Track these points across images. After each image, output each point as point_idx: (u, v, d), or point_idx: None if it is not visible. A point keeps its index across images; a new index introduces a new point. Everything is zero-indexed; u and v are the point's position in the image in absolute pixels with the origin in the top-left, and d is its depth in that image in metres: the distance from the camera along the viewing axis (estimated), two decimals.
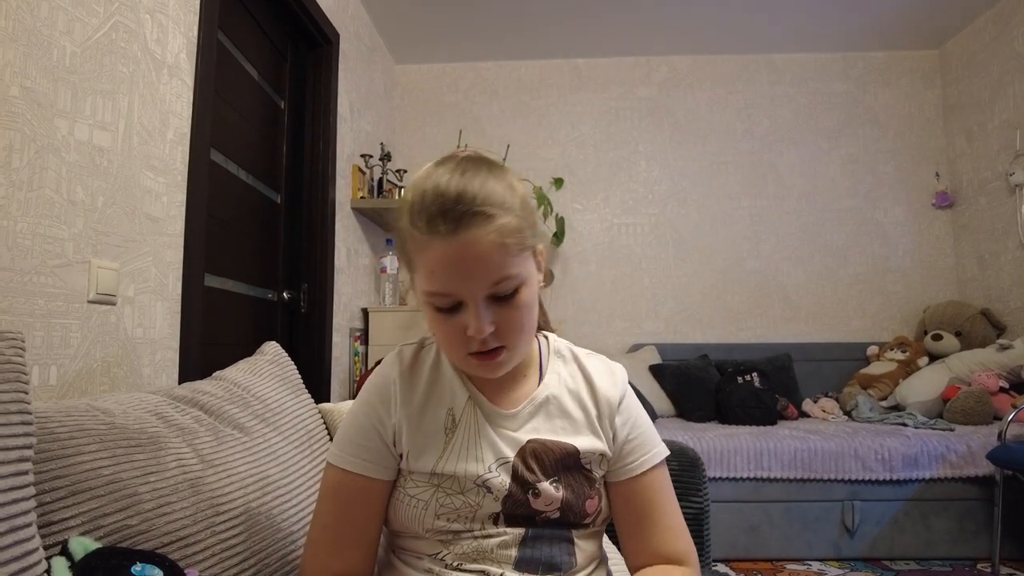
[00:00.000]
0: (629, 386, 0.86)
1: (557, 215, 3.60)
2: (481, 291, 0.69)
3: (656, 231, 3.77)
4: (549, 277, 0.85)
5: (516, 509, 0.75)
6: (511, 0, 3.22)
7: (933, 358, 3.27)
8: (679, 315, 3.72)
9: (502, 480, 0.75)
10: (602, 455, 0.80)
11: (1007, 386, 2.94)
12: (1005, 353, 2.97)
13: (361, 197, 2.99)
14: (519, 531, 0.75)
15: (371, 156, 3.07)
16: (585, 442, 0.79)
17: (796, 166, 3.77)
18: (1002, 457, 2.38)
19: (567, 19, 3.44)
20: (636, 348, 3.59)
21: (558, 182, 3.70)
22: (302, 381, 1.30)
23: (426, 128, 3.89)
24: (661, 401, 3.22)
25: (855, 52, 3.81)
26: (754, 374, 3.17)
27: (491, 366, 0.74)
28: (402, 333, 3.04)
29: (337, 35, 2.82)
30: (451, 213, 0.67)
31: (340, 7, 2.89)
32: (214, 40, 1.85)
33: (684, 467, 1.33)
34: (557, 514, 0.76)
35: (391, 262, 3.18)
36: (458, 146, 3.72)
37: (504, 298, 0.71)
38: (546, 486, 0.76)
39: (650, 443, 0.83)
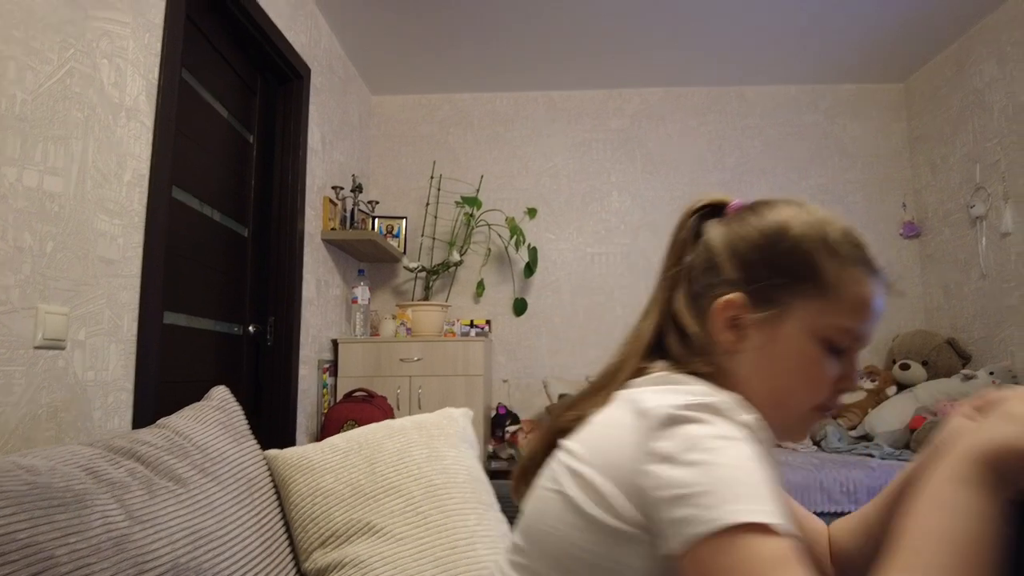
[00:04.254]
0: None
1: (530, 245, 3.63)
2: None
3: (628, 260, 3.81)
4: None
5: None
6: (487, 33, 3.28)
7: (901, 387, 3.30)
8: None
9: None
10: None
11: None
12: (969, 383, 3.01)
13: (332, 228, 3.01)
14: None
15: (342, 188, 3.09)
16: None
17: (766, 197, 3.81)
18: None
19: (541, 52, 3.49)
20: None
21: (532, 212, 3.74)
22: (248, 427, 1.30)
23: (401, 158, 3.92)
24: None
25: (824, 84, 3.90)
26: None
27: (818, 425, 0.70)
28: (373, 364, 3.04)
29: (308, 69, 2.85)
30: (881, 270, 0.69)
31: (312, 42, 2.93)
32: (176, 80, 1.87)
33: None
34: None
35: (362, 292, 3.19)
36: (431, 176, 3.76)
37: None
38: None
39: None
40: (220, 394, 1.34)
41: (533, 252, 3.64)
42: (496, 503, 1.23)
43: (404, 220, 3.71)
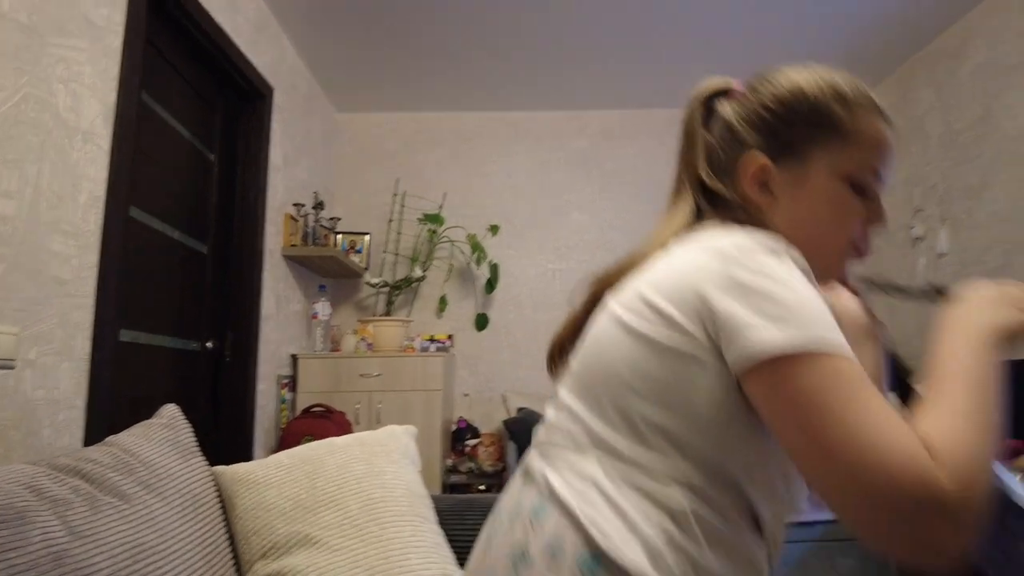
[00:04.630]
0: None
1: (491, 262, 3.71)
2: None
3: (586, 277, 3.90)
4: None
5: None
6: (451, 54, 3.36)
7: None
8: None
9: None
10: None
11: None
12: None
13: (293, 245, 3.05)
14: None
15: (303, 205, 3.14)
16: None
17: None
18: None
19: (504, 73, 3.59)
20: None
21: (494, 229, 3.81)
22: (196, 444, 1.35)
23: (365, 175, 3.98)
24: None
25: None
26: None
27: (856, 260, 0.76)
28: (332, 379, 3.08)
29: (271, 89, 2.90)
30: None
31: (276, 61, 2.98)
32: (135, 102, 1.91)
33: None
34: None
35: (323, 308, 3.23)
36: (395, 193, 3.82)
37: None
38: None
39: None
40: (170, 412, 1.38)
41: (494, 268, 3.72)
42: (434, 516, 1.29)
43: (368, 236, 3.76)
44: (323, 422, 2.68)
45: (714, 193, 0.78)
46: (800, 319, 0.56)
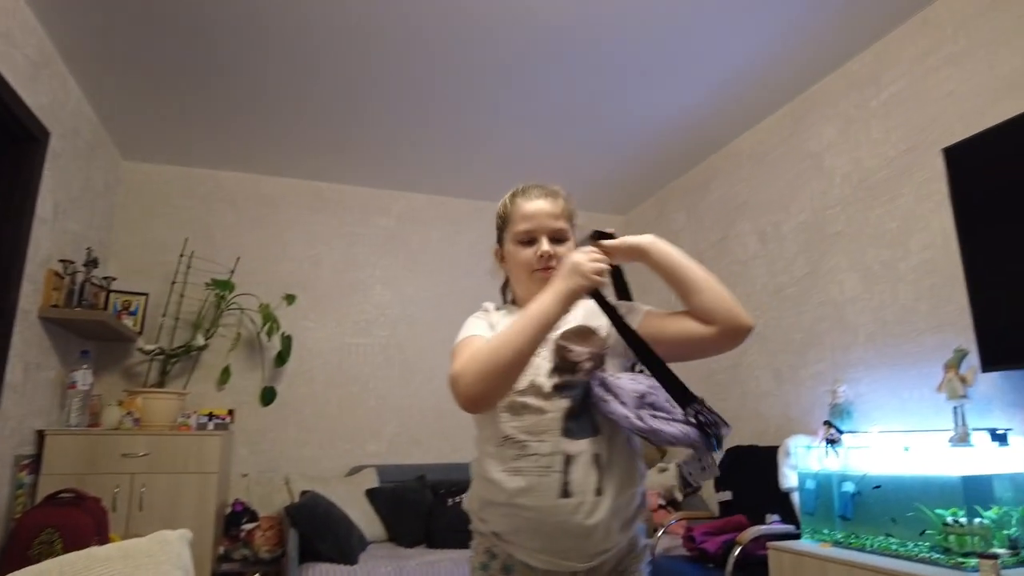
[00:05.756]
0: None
1: (283, 333, 3.59)
2: (550, 231, 1.20)
3: (386, 352, 3.94)
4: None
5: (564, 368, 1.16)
6: (258, 114, 3.27)
7: None
8: (401, 436, 3.86)
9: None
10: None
11: (664, 503, 3.51)
12: (663, 475, 3.57)
13: (54, 305, 2.71)
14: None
15: (73, 262, 2.82)
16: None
17: None
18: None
19: (312, 142, 3.58)
20: (356, 471, 3.62)
21: (290, 298, 3.72)
22: None
23: (151, 230, 3.68)
24: (374, 526, 3.25)
25: None
26: (463, 496, 3.36)
27: (548, 276, 1.13)
28: (87, 459, 2.72)
29: (47, 133, 2.62)
30: (547, 189, 1.26)
31: (57, 104, 2.71)
32: None
33: None
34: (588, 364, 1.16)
35: (83, 376, 2.87)
36: (181, 254, 3.57)
37: (559, 241, 1.21)
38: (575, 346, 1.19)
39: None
40: None
41: (287, 340, 3.60)
42: None
43: (145, 297, 3.46)
44: (70, 511, 2.35)
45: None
46: (462, 337, 1.16)
